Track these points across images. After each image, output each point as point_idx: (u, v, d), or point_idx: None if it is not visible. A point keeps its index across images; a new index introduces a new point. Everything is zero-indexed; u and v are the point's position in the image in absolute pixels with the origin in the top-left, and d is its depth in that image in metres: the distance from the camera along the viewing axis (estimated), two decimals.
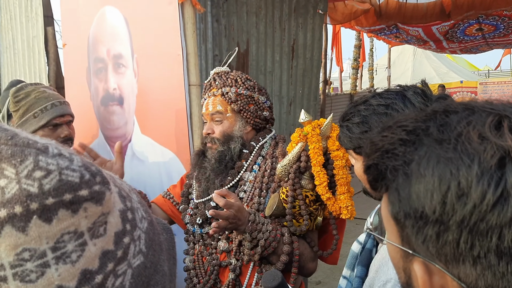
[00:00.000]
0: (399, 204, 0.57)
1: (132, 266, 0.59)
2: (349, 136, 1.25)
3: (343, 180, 1.58)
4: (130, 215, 0.61)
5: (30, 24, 3.63)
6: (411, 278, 0.62)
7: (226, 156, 1.77)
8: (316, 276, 4.71)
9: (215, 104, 1.79)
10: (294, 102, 3.74)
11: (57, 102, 2.10)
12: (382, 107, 1.20)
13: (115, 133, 2.60)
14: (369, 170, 0.62)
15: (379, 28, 7.80)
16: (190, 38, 2.22)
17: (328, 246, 1.76)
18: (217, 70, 1.88)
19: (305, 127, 1.64)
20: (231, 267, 1.70)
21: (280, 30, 3.58)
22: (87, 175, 0.55)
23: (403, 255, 0.61)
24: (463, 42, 8.24)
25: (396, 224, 0.60)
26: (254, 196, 1.74)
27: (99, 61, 2.62)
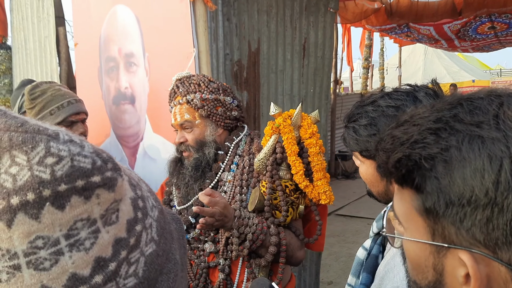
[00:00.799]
0: (438, 193, 0.55)
1: (144, 254, 0.58)
2: (356, 139, 1.21)
3: (319, 166, 1.64)
4: (141, 203, 0.60)
5: (42, 25, 3.64)
6: (443, 275, 0.59)
7: (202, 162, 1.78)
8: (328, 277, 4.68)
9: (182, 113, 1.79)
10: (305, 101, 3.72)
11: (73, 100, 2.14)
12: (392, 109, 1.16)
13: (127, 132, 2.60)
14: (399, 164, 0.60)
15: (390, 27, 7.75)
16: (201, 36, 2.21)
17: (313, 233, 1.79)
18: (178, 76, 1.87)
19: (276, 119, 1.68)
20: (220, 267, 1.71)
21: (291, 29, 3.56)
22: (99, 161, 0.54)
23: (434, 251, 0.59)
24: (475, 41, 8.16)
25: (427, 218, 0.58)
26: (235, 194, 1.76)
27: (110, 60, 2.62)
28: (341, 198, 8.06)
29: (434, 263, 0.59)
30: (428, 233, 0.59)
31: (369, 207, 7.09)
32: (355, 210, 7.22)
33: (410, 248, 0.64)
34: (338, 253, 5.39)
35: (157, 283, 0.60)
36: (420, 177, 0.57)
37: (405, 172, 0.59)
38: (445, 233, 0.56)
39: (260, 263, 1.65)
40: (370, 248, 1.33)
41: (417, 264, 0.63)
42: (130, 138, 2.58)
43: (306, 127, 1.68)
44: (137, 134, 2.54)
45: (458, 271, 0.56)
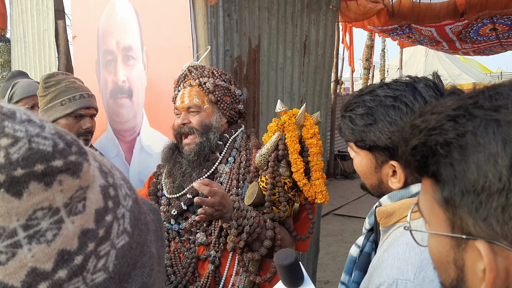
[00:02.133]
0: (454, 181, 0.54)
1: (116, 247, 0.54)
2: (351, 128, 1.18)
3: (317, 166, 1.67)
4: (112, 192, 0.56)
5: (41, 18, 3.62)
6: (464, 271, 0.57)
7: (206, 147, 1.76)
8: (324, 276, 4.66)
9: (192, 96, 1.77)
10: (305, 99, 3.69)
11: (85, 94, 2.13)
12: (390, 99, 1.13)
13: (123, 126, 2.57)
14: (415, 151, 0.58)
15: (392, 28, 7.72)
16: (200, 30, 2.19)
17: (302, 231, 1.80)
18: (192, 63, 1.87)
19: (282, 117, 1.70)
20: (210, 259, 1.70)
21: (292, 26, 3.54)
22: (61, 143, 0.49)
23: (454, 245, 0.57)
24: (476, 43, 8.14)
25: (446, 210, 0.56)
26: (231, 187, 1.76)
27: (108, 53, 2.59)
28: (340, 198, 8.04)
29: (455, 258, 0.58)
30: (448, 226, 0.57)
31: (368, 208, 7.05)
32: (353, 210, 7.21)
33: (433, 244, 0.62)
34: (336, 253, 5.37)
35: (130, 278, 0.55)
36: (435, 164, 0.56)
37: (420, 159, 0.58)
38: (463, 224, 0.55)
39: (253, 257, 1.64)
40: (362, 245, 1.31)
41: (440, 262, 0.62)
42: (127, 132, 2.56)
43: (309, 127, 1.70)
44: (134, 128, 2.51)
45: (477, 266, 0.54)
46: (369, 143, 1.15)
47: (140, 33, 2.40)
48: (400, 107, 1.11)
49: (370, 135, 1.14)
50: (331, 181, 9.55)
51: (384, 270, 1.04)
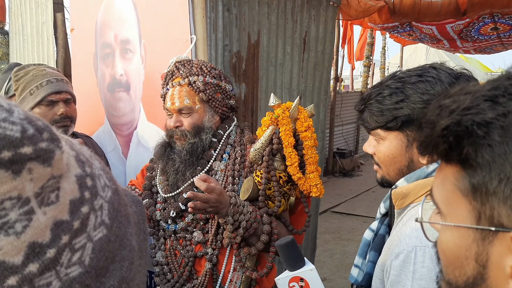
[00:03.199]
0: (491, 165, 0.49)
1: (92, 240, 0.51)
2: (381, 110, 1.19)
3: (312, 159, 1.66)
4: (89, 182, 0.53)
5: (40, 10, 3.60)
6: (486, 267, 0.52)
7: (198, 148, 1.74)
8: (321, 273, 4.65)
9: (182, 97, 1.72)
10: (304, 95, 3.68)
11: (53, 79, 2.02)
12: (415, 77, 1.17)
13: (121, 120, 2.56)
14: (447, 131, 0.53)
15: (392, 26, 7.70)
16: (199, 24, 2.18)
17: (298, 225, 1.79)
18: (178, 58, 1.82)
19: (276, 110, 1.68)
20: (207, 257, 1.69)
21: (292, 22, 3.52)
22: (31, 129, 0.46)
23: (478, 238, 0.53)
24: (477, 42, 8.12)
25: (473, 199, 0.52)
26: (227, 184, 1.74)
27: (106, 46, 2.57)
28: (338, 195, 8.03)
29: (477, 252, 0.53)
30: (473, 217, 0.53)
31: (366, 205, 7.07)
32: (351, 208, 7.20)
33: (449, 237, 0.57)
34: (333, 250, 5.37)
35: (108, 272, 0.53)
36: (470, 146, 0.51)
37: (453, 140, 0.53)
38: (494, 214, 0.50)
39: (250, 252, 1.63)
40: (377, 228, 1.33)
41: (455, 257, 0.57)
42: (124, 126, 2.54)
43: (303, 120, 1.68)
44: (131, 122, 2.50)
45: (506, 260, 0.50)
46: (403, 118, 1.16)
47: (138, 26, 2.39)
48: (427, 80, 1.15)
49: (404, 110, 1.16)
50: (329, 178, 9.54)
51: (403, 240, 1.08)
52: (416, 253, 1.03)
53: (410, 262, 1.03)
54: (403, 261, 1.05)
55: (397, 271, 1.06)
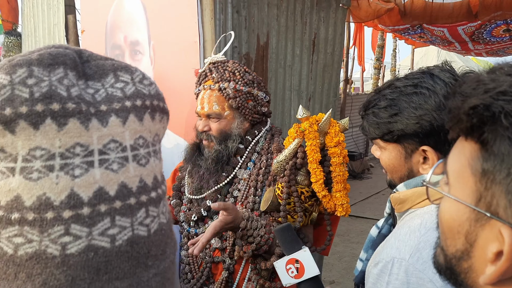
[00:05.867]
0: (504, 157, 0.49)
1: (160, 219, 0.57)
2: (376, 123, 1.19)
3: (340, 177, 1.56)
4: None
5: (52, 12, 3.64)
6: (473, 246, 0.54)
7: (223, 156, 1.72)
8: (330, 276, 4.64)
9: (211, 103, 1.70)
10: (313, 97, 3.68)
11: None
12: (410, 87, 1.16)
13: None
14: (473, 111, 0.52)
15: (403, 28, 7.66)
16: (207, 25, 2.19)
17: (320, 240, 1.75)
18: (213, 59, 1.77)
19: (303, 124, 1.60)
20: (225, 266, 1.69)
21: (301, 23, 3.52)
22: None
23: (472, 218, 0.54)
24: (489, 44, 8.06)
25: (479, 181, 0.52)
26: (249, 195, 1.71)
27: (116, 48, 2.60)
28: None
29: (468, 231, 0.55)
30: (474, 197, 0.53)
31: (375, 208, 7.04)
32: (361, 211, 7.16)
33: (448, 208, 0.59)
34: (342, 253, 5.34)
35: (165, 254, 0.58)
36: (490, 133, 0.50)
37: (476, 122, 0.52)
38: (493, 202, 0.51)
39: (265, 265, 1.62)
40: (381, 227, 1.35)
41: (449, 228, 0.58)
42: None
43: (333, 134, 1.58)
44: None
45: (490, 247, 0.51)
46: (397, 133, 1.16)
47: (148, 28, 2.41)
48: (422, 92, 1.14)
49: (397, 125, 1.15)
50: None
51: (386, 249, 1.10)
52: (393, 264, 1.04)
53: (386, 272, 1.06)
54: (380, 271, 1.08)
55: (374, 279, 1.09)
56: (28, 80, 0.49)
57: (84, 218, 0.48)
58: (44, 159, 0.48)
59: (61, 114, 0.49)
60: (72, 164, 0.49)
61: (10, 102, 0.47)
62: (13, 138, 0.48)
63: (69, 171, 0.49)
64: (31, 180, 0.48)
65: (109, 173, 0.51)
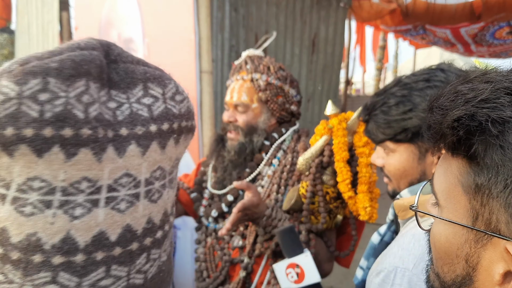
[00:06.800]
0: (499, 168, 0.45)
1: (161, 259, 0.51)
2: (387, 121, 1.10)
3: (365, 178, 1.48)
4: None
5: (46, 9, 3.58)
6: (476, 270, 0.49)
7: (247, 149, 1.67)
8: (328, 281, 4.56)
9: (241, 93, 1.66)
10: (312, 98, 3.61)
11: None
12: (422, 82, 1.08)
13: None
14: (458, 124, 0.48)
15: (405, 29, 7.61)
16: (203, 23, 2.11)
17: (344, 246, 1.67)
18: (251, 52, 1.74)
19: (331, 120, 1.53)
20: (242, 265, 1.63)
21: (301, 23, 3.45)
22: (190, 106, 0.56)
23: (472, 239, 0.49)
24: (492, 46, 8.01)
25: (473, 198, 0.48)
26: (271, 192, 1.66)
27: None
28: None
29: (469, 253, 0.50)
30: (469, 216, 0.49)
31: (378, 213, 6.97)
32: None
33: (442, 232, 0.54)
34: None
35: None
36: (480, 144, 0.47)
37: (462, 135, 0.48)
38: (492, 219, 0.46)
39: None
40: (384, 233, 1.28)
41: (445, 253, 0.54)
42: None
43: (362, 134, 1.50)
44: None
45: (495, 267, 0.46)
46: (413, 130, 1.08)
47: (142, 25, 2.34)
48: (436, 85, 1.07)
49: (413, 121, 1.07)
50: None
51: (388, 258, 1.04)
52: (395, 274, 0.99)
53: (388, 282, 1.01)
54: (382, 280, 1.02)
55: None
56: (41, 95, 0.40)
57: (76, 267, 0.42)
58: (43, 192, 0.40)
59: (72, 142, 0.41)
60: (74, 202, 0.42)
61: (14, 120, 0.39)
62: (10, 161, 0.40)
63: (69, 210, 0.42)
64: (22, 214, 0.40)
65: (115, 214, 0.44)
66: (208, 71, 2.14)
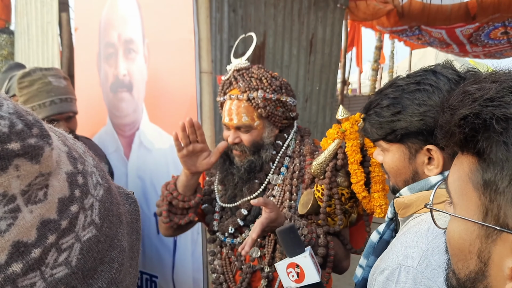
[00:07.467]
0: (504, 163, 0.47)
1: (81, 240, 0.49)
2: (379, 122, 1.16)
3: (378, 178, 1.53)
4: (80, 180, 0.51)
5: (45, 10, 3.59)
6: (487, 265, 0.51)
7: (257, 166, 1.68)
8: None
9: (240, 114, 1.63)
10: (310, 98, 3.64)
11: (57, 100, 2.01)
12: (413, 85, 1.12)
13: (123, 120, 2.53)
14: (464, 122, 0.51)
15: (401, 29, 7.64)
16: (203, 23, 2.14)
17: (359, 243, 1.71)
18: (237, 66, 1.70)
19: (343, 124, 1.56)
20: (263, 274, 1.65)
21: (298, 23, 3.49)
22: (20, 124, 0.44)
23: (482, 235, 0.51)
24: (487, 46, 8.04)
25: (483, 194, 0.50)
26: (284, 200, 1.67)
27: (109, 46, 2.55)
28: None
29: (480, 249, 0.51)
30: (480, 212, 0.51)
31: None
32: None
33: (455, 229, 0.56)
34: None
35: (96, 273, 0.51)
36: (485, 141, 0.49)
37: (468, 132, 0.50)
38: (500, 214, 0.48)
39: None
40: (383, 232, 1.31)
41: (459, 249, 0.55)
42: (127, 127, 2.51)
43: None
44: (133, 123, 2.47)
45: (506, 262, 0.48)
46: (401, 131, 1.13)
47: (142, 26, 2.36)
48: (425, 88, 1.11)
49: (401, 123, 1.12)
50: None
51: (392, 256, 1.06)
52: (400, 272, 1.01)
53: (393, 280, 1.02)
54: (386, 278, 1.04)
55: (380, 287, 1.06)
56: None
57: None
58: None
59: None
60: None
61: None
62: None
63: None
64: None
65: None
66: (207, 72, 2.17)
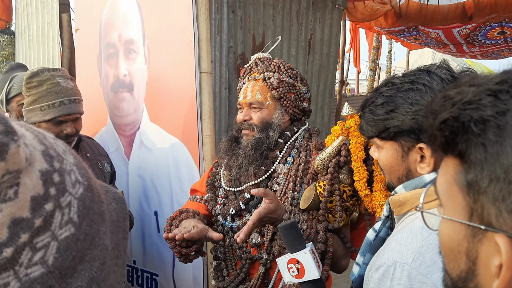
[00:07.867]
0: (483, 164, 0.49)
1: (57, 238, 0.49)
2: (373, 120, 1.18)
3: (381, 176, 1.53)
4: (57, 178, 0.50)
5: (46, 11, 3.61)
6: (476, 264, 0.52)
7: (264, 144, 1.72)
8: None
9: (254, 92, 1.73)
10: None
11: (66, 101, 2.03)
12: (407, 84, 1.15)
13: (124, 120, 2.56)
14: (444, 125, 0.53)
15: (399, 30, 7.67)
16: (202, 24, 2.17)
17: (359, 242, 1.70)
18: (259, 55, 1.82)
19: (348, 121, 1.57)
20: (262, 262, 1.67)
21: (297, 24, 3.52)
22: None
23: (469, 234, 0.53)
24: (484, 46, 8.07)
25: (467, 195, 0.52)
26: (288, 190, 1.71)
27: (110, 46, 2.58)
28: None
29: (468, 248, 0.53)
30: (466, 212, 0.52)
31: None
32: None
33: (445, 229, 0.58)
34: None
35: (75, 272, 0.50)
36: (465, 143, 0.51)
37: (449, 135, 0.52)
38: (484, 213, 0.50)
39: None
40: (379, 230, 1.33)
41: (449, 250, 0.57)
42: (127, 126, 2.54)
43: None
44: (134, 122, 2.49)
45: (492, 261, 0.49)
46: (394, 129, 1.15)
47: (142, 27, 2.39)
48: (418, 88, 1.13)
49: (394, 121, 1.15)
50: None
51: (387, 253, 1.08)
52: (395, 268, 1.03)
53: (388, 277, 1.03)
54: (382, 275, 1.06)
55: (375, 284, 1.07)
56: None
57: None
58: None
59: None
60: None
61: None
62: None
63: None
64: None
65: None
66: (207, 72, 2.20)
